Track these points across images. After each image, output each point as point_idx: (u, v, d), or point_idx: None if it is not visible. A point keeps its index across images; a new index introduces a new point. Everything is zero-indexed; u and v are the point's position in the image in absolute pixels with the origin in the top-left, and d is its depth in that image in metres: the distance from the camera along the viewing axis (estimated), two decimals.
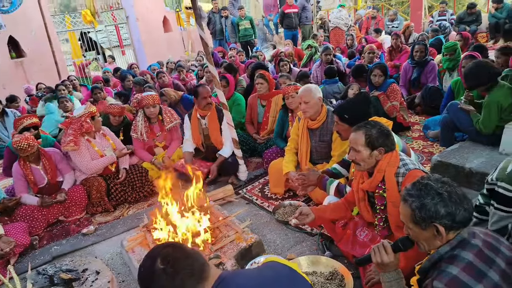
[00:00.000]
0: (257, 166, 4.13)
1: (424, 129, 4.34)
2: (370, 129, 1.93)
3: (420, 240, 1.37)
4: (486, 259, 1.25)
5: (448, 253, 1.29)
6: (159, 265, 1.12)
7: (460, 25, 9.37)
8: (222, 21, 10.22)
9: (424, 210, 1.29)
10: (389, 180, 1.93)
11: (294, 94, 3.52)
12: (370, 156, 1.94)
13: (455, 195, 1.29)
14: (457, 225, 1.28)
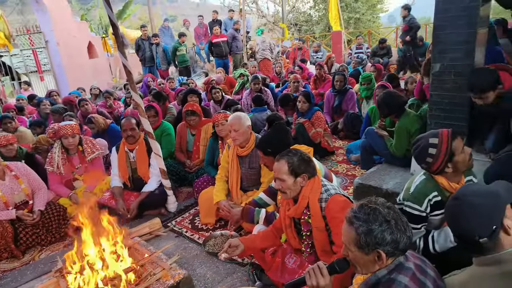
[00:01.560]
0: (187, 196, 4.01)
1: (347, 153, 4.61)
2: (292, 157, 1.99)
3: (359, 263, 1.37)
4: (419, 283, 1.30)
5: (385, 276, 1.31)
6: None
7: (375, 57, 10.37)
8: (153, 48, 10.09)
9: (371, 236, 1.29)
10: (313, 206, 1.99)
11: (224, 121, 3.54)
12: (295, 184, 1.99)
13: (401, 222, 1.31)
14: (399, 252, 1.31)
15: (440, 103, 3.04)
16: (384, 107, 3.54)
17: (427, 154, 1.93)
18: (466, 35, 2.71)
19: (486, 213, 1.29)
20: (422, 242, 1.98)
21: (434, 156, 1.91)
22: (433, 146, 1.92)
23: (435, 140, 1.92)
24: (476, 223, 1.29)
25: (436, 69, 2.95)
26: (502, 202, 1.31)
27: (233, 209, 2.80)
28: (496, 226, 1.26)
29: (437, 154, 1.90)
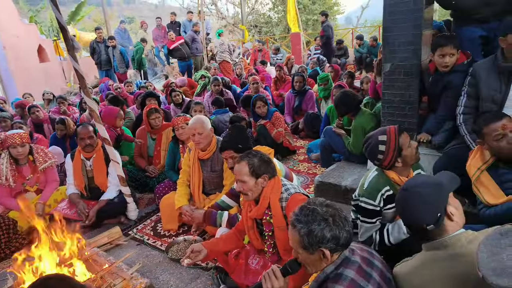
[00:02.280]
0: (148, 203, 3.91)
1: (307, 152, 4.71)
2: (252, 158, 2.00)
3: (308, 263, 1.43)
4: (365, 274, 1.36)
5: (333, 272, 1.37)
6: None
7: (333, 58, 10.69)
8: (109, 51, 9.76)
9: (312, 236, 1.34)
10: (274, 206, 2.01)
11: (184, 125, 3.49)
12: (256, 185, 2.00)
13: (339, 218, 1.37)
14: (341, 247, 1.37)
15: (392, 101, 3.18)
16: (341, 106, 3.65)
17: (378, 151, 2.02)
18: (412, 36, 2.86)
19: (431, 202, 1.38)
20: (378, 236, 2.06)
21: (384, 153, 2.00)
22: (383, 143, 2.01)
23: (383, 137, 2.02)
24: (423, 212, 1.38)
25: (387, 68, 3.09)
26: (445, 191, 1.41)
27: (195, 213, 2.77)
28: (441, 213, 1.36)
29: (386, 150, 1.99)
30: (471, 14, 2.90)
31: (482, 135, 2.02)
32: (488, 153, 2.06)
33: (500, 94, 2.43)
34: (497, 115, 2.01)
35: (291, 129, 5.60)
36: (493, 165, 2.03)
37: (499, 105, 2.45)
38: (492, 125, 1.95)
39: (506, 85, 2.39)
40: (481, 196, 2.04)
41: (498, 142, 1.93)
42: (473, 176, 2.09)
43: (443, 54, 2.72)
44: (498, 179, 2.00)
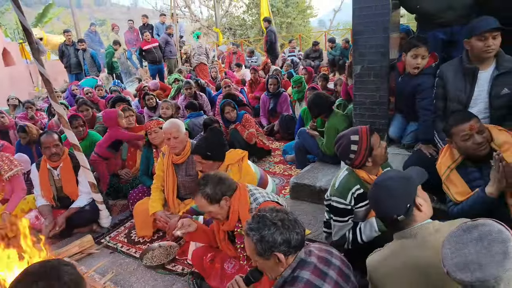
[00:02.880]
0: (122, 209, 3.82)
1: (283, 154, 4.75)
2: (204, 189, 1.95)
3: (266, 270, 1.46)
4: (320, 273, 1.40)
5: (290, 275, 1.40)
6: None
7: (307, 60, 10.84)
8: (79, 54, 9.49)
9: (264, 242, 1.37)
10: (244, 218, 1.96)
11: (157, 129, 3.43)
12: (221, 208, 1.99)
13: (288, 221, 1.40)
14: (293, 249, 1.40)
15: (363, 103, 3.26)
16: (314, 108, 3.71)
17: (350, 150, 2.06)
18: (381, 39, 2.95)
19: (400, 194, 1.46)
20: (351, 234, 2.10)
21: (356, 152, 2.04)
22: (355, 143, 2.05)
23: (356, 137, 2.06)
24: (393, 204, 1.45)
25: (357, 71, 3.16)
26: (414, 184, 1.49)
27: (170, 220, 2.73)
28: (410, 204, 1.44)
29: (358, 150, 2.03)
30: (435, 18, 3.02)
31: (451, 135, 2.08)
32: (457, 152, 2.12)
33: (465, 94, 2.53)
34: (465, 116, 2.07)
35: (267, 131, 5.64)
36: (461, 164, 2.10)
37: (464, 105, 2.56)
38: (460, 125, 2.00)
39: (471, 86, 2.50)
40: (450, 194, 2.10)
41: (465, 142, 1.99)
42: (443, 175, 2.15)
43: (417, 54, 2.81)
44: (466, 177, 2.07)
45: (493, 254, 0.99)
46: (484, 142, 1.95)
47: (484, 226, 1.06)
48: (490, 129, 2.03)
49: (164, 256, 2.80)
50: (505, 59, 2.40)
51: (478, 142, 1.94)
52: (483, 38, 2.33)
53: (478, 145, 1.95)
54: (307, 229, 2.95)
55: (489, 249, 1.00)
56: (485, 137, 1.96)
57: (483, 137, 1.95)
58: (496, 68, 2.41)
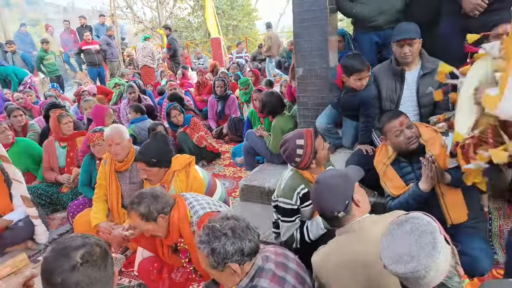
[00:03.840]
0: (62, 222, 3.57)
1: (232, 156, 4.74)
2: (137, 208, 1.86)
3: (223, 281, 1.41)
4: (279, 280, 1.38)
5: (248, 285, 1.36)
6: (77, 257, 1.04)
7: (254, 62, 10.94)
8: (8, 56, 8.74)
9: (215, 254, 1.31)
10: (186, 234, 1.93)
11: (100, 141, 3.20)
12: (158, 226, 1.90)
13: (239, 229, 1.35)
14: (248, 257, 1.35)
15: (306, 104, 3.36)
16: (267, 106, 3.72)
17: (296, 154, 2.08)
18: (319, 42, 3.06)
19: (339, 191, 1.53)
20: (299, 233, 2.14)
21: (302, 156, 2.07)
22: (300, 147, 2.07)
23: (301, 142, 2.08)
24: (333, 201, 1.52)
25: (300, 73, 3.26)
26: (351, 181, 1.57)
27: (114, 232, 2.58)
28: (349, 201, 1.50)
29: (304, 153, 2.07)
30: (368, 22, 3.21)
31: (384, 133, 2.22)
32: (391, 149, 2.27)
33: (396, 94, 2.71)
34: (395, 113, 2.22)
35: (216, 134, 5.60)
36: (395, 159, 2.25)
37: (396, 104, 2.74)
38: (391, 122, 2.15)
39: (400, 86, 2.68)
40: (387, 188, 2.24)
41: (397, 138, 2.13)
42: (380, 171, 2.29)
43: (360, 78, 2.84)
44: (400, 172, 2.23)
45: (423, 245, 1.04)
46: (414, 137, 2.11)
47: (415, 219, 1.12)
48: (417, 126, 2.20)
49: None
50: (428, 60, 2.61)
51: (408, 137, 2.10)
52: (400, 45, 2.52)
53: (409, 139, 2.10)
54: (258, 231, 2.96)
55: (419, 241, 1.05)
56: (414, 132, 2.12)
57: (412, 132, 2.11)
58: (421, 68, 2.61)
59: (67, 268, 1.02)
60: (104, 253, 1.10)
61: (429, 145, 2.11)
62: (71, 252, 1.05)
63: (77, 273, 1.03)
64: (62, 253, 1.05)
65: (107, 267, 1.10)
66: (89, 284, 1.04)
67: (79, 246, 1.06)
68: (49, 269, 1.04)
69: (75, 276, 1.02)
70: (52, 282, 1.02)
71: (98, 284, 1.06)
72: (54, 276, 1.02)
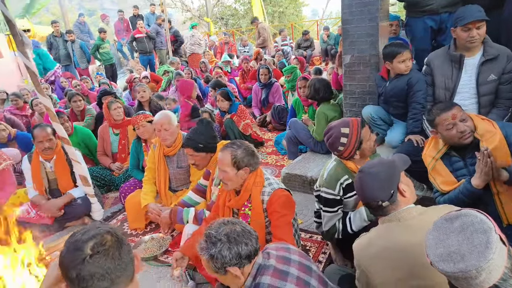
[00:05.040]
0: (114, 202, 3.81)
1: (275, 144, 4.75)
2: (236, 150, 1.98)
3: (228, 284, 1.45)
4: (281, 274, 1.38)
5: (252, 283, 1.37)
6: (87, 249, 1.03)
7: (299, 49, 10.78)
8: (68, 45, 9.34)
9: (214, 260, 1.34)
10: (255, 199, 2.01)
11: (144, 123, 3.39)
12: (237, 176, 1.99)
13: (234, 234, 1.36)
14: (246, 260, 1.36)
15: (353, 92, 3.26)
16: (317, 92, 3.66)
17: (339, 143, 2.04)
18: (370, 28, 2.94)
19: (384, 180, 1.49)
20: (341, 224, 2.12)
21: (345, 145, 2.03)
22: (345, 135, 2.03)
23: (346, 130, 2.04)
24: (378, 189, 1.48)
25: (347, 60, 3.16)
26: (397, 170, 1.52)
27: (162, 213, 2.72)
28: (394, 190, 1.46)
29: (348, 143, 2.03)
30: (423, 6, 3.02)
31: (435, 125, 2.09)
32: (441, 142, 2.13)
33: (452, 81, 2.55)
34: (447, 105, 2.07)
35: (259, 122, 5.63)
36: (446, 153, 2.11)
37: (452, 92, 2.58)
38: (443, 115, 2.01)
39: (458, 73, 2.52)
40: (436, 184, 2.12)
41: (450, 131, 1.99)
42: (429, 165, 2.16)
43: (403, 59, 2.80)
44: (451, 167, 2.09)
45: (475, 244, 0.97)
46: (468, 131, 1.95)
47: (466, 216, 1.05)
48: (473, 118, 2.03)
49: (157, 248, 2.81)
50: (491, 46, 2.42)
51: (462, 131, 1.94)
52: (466, 29, 2.35)
53: (462, 133, 1.95)
54: (299, 219, 2.97)
55: (471, 240, 0.99)
56: (469, 126, 1.96)
57: (467, 125, 1.96)
58: (482, 55, 2.43)
59: (79, 262, 1.02)
60: (116, 241, 1.08)
61: (484, 140, 1.95)
62: (82, 245, 1.04)
63: (89, 265, 1.02)
64: (74, 247, 1.05)
65: (122, 254, 1.07)
66: (104, 274, 1.03)
67: (89, 238, 1.05)
68: (64, 265, 1.05)
69: (88, 269, 1.02)
70: (70, 277, 1.04)
71: (114, 272, 1.05)
72: (70, 272, 1.03)
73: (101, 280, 1.02)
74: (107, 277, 1.03)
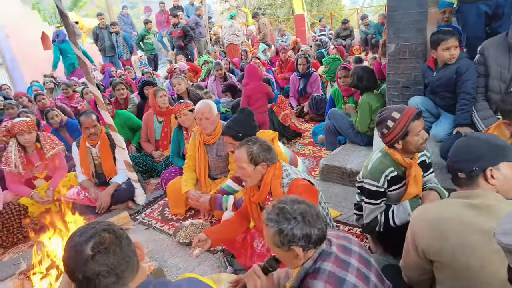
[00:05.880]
0: (156, 188, 3.96)
1: (313, 135, 4.70)
2: (251, 146, 1.99)
3: (284, 260, 1.43)
4: (342, 263, 1.35)
5: (311, 267, 1.36)
6: (88, 250, 1.05)
7: (338, 39, 10.51)
8: (112, 37, 9.71)
9: (283, 235, 1.32)
10: (275, 191, 2.02)
11: (185, 111, 3.48)
12: (255, 172, 2.01)
13: (309, 216, 1.34)
14: (313, 244, 1.34)
15: (397, 82, 3.14)
16: (360, 80, 3.53)
17: (385, 125, 1.98)
18: (418, 15, 2.80)
19: (474, 153, 1.39)
20: (383, 217, 2.07)
21: (389, 129, 1.96)
22: (393, 119, 1.96)
23: (396, 115, 1.95)
24: (461, 158, 1.41)
25: (392, 49, 3.04)
26: (501, 155, 1.36)
27: (202, 199, 2.80)
28: (477, 168, 1.36)
29: (392, 128, 1.95)
30: None
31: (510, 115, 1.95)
32: (507, 132, 2.01)
33: (509, 71, 2.39)
34: None
35: (297, 112, 5.58)
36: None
37: (508, 84, 2.41)
38: None
39: None
40: None
41: None
42: None
43: (448, 47, 2.67)
44: None
45: None
46: None
47: None
48: None
49: (196, 233, 2.87)
50: None
51: None
52: None
53: None
54: (337, 211, 2.94)
55: None
56: None
57: None
58: None
59: (82, 263, 1.04)
60: (114, 237, 1.09)
61: None
62: (82, 247, 1.06)
63: (92, 265, 1.04)
64: (75, 250, 1.07)
65: (123, 248, 1.09)
66: (109, 271, 1.05)
67: (88, 239, 1.07)
68: (69, 268, 1.08)
69: (91, 269, 1.04)
70: (76, 279, 1.07)
71: (118, 267, 1.07)
72: (75, 274, 1.06)
73: (107, 276, 1.05)
74: (112, 273, 1.05)
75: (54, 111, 4.40)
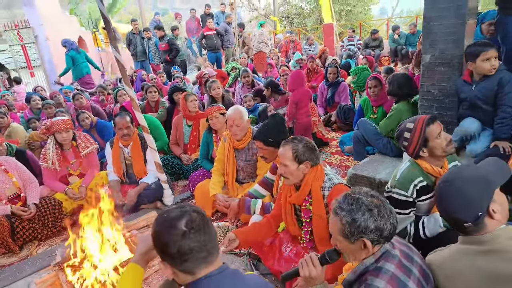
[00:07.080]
0: (183, 189, 4.04)
1: (340, 145, 4.67)
2: (297, 144, 2.02)
3: (347, 252, 1.40)
4: (405, 269, 1.33)
5: (372, 264, 1.33)
6: (182, 226, 1.14)
7: (366, 49, 10.43)
8: (144, 42, 10.03)
9: (354, 226, 1.31)
10: (315, 193, 2.03)
11: (217, 114, 3.56)
12: (298, 170, 2.02)
13: (384, 210, 1.33)
14: (384, 239, 1.33)
15: (431, 94, 3.09)
16: (399, 88, 3.49)
17: (404, 137, 2.04)
18: (455, 26, 2.76)
19: (472, 200, 1.31)
20: (413, 228, 2.03)
21: (409, 140, 2.01)
22: (408, 130, 2.02)
23: (410, 125, 2.02)
24: (462, 209, 1.33)
25: (427, 60, 3.00)
26: (491, 188, 1.32)
27: (231, 202, 2.83)
28: (482, 213, 1.29)
29: (411, 138, 1.99)
30: None
31: None
32: None
33: None
34: None
35: (324, 121, 5.56)
36: None
37: None
38: None
39: None
40: None
41: None
42: None
43: (489, 57, 2.63)
44: None
45: None
46: None
47: None
48: None
49: (222, 236, 2.89)
50: None
51: None
52: None
53: None
54: None
55: None
56: None
57: None
58: None
59: (179, 238, 1.12)
60: (202, 217, 1.20)
61: None
62: (176, 223, 1.15)
63: (188, 240, 1.13)
64: (169, 225, 1.15)
65: (210, 228, 1.20)
66: (201, 247, 1.14)
67: (180, 216, 1.16)
68: (163, 242, 1.16)
69: (187, 243, 1.12)
70: (169, 253, 1.14)
71: (208, 244, 1.17)
72: (170, 248, 1.14)
73: (199, 252, 1.14)
74: (203, 248, 1.15)
75: (84, 114, 4.57)
